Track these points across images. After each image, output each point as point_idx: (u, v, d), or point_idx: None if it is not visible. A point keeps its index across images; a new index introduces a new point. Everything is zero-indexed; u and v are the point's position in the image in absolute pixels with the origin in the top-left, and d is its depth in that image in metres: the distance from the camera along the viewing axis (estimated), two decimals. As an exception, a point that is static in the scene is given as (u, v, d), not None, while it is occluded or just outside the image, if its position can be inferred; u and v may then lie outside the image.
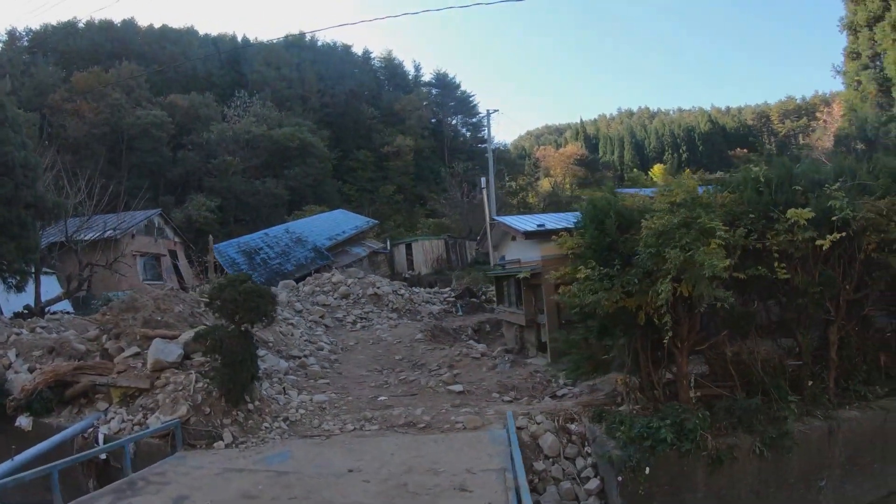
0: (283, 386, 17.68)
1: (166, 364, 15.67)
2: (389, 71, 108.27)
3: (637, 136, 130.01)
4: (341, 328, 29.73)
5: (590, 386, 16.40)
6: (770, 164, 13.82)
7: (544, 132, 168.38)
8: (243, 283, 15.01)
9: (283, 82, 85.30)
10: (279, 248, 47.33)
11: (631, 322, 12.13)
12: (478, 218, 60.85)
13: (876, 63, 49.25)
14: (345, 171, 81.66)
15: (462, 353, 22.99)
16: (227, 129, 69.40)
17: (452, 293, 39.48)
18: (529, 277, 22.94)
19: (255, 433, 14.29)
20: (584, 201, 14.25)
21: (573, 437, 13.03)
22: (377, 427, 14.72)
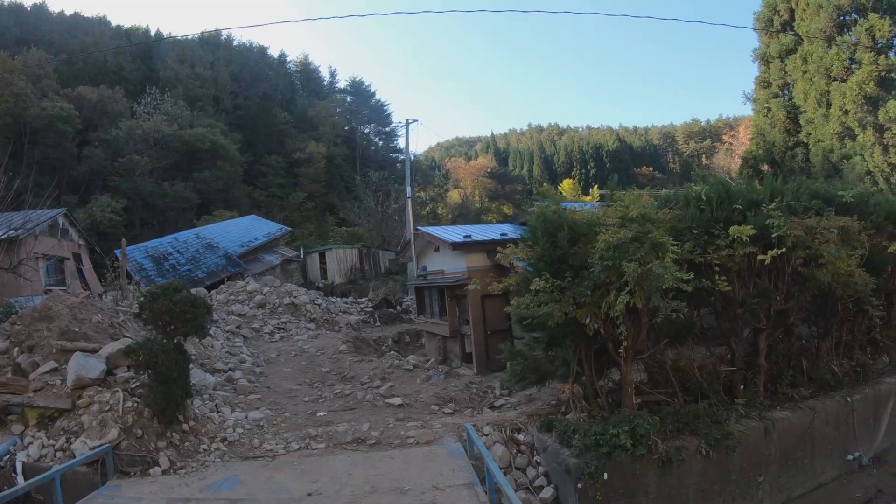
0: (214, 403, 16.71)
1: (89, 381, 14.24)
2: (305, 75, 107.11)
3: (546, 151, 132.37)
4: (259, 339, 28.85)
5: (527, 396, 16.62)
6: (710, 185, 14.54)
7: (455, 144, 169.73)
8: (178, 293, 13.99)
9: (197, 81, 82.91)
10: (189, 254, 45.67)
11: (579, 332, 12.59)
12: (392, 227, 60.71)
13: (785, 92, 51.61)
14: (255, 175, 79.98)
15: (394, 365, 22.69)
16: (136, 126, 66.56)
17: (370, 303, 39.09)
18: (454, 288, 23.10)
19: (194, 456, 13.26)
20: (533, 214, 14.16)
21: (522, 448, 13.15)
22: (324, 445, 14.03)
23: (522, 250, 13.71)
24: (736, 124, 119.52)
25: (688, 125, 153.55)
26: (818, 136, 45.93)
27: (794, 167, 46.96)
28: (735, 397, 13.44)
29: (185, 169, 68.04)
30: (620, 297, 11.01)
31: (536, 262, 13.01)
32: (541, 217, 13.47)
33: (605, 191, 17.62)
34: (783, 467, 12.95)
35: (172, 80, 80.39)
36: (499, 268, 21.62)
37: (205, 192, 67.60)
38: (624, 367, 12.69)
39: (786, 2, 50.68)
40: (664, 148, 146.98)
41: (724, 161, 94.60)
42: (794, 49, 49.49)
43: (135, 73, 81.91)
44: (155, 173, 64.74)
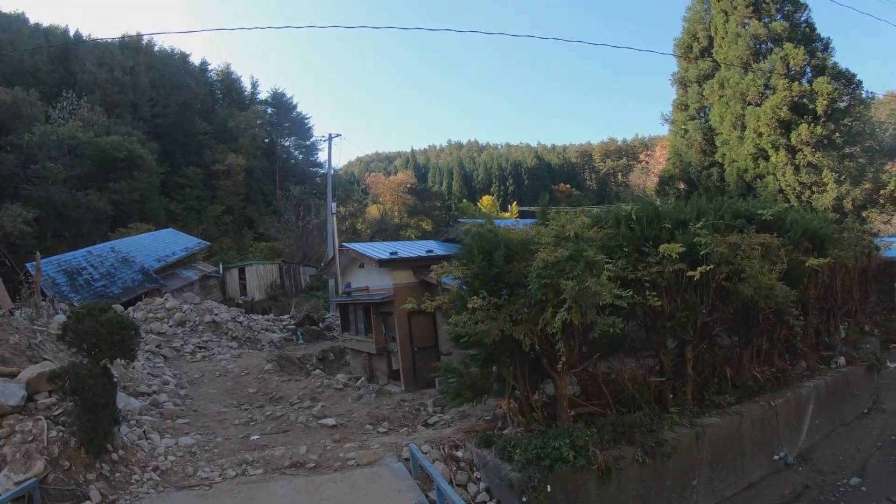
0: (142, 429, 15.97)
1: (8, 409, 13.22)
2: (226, 85, 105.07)
3: (466, 167, 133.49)
4: (180, 359, 28.29)
5: (460, 413, 16.79)
6: (639, 205, 15.03)
7: (374, 159, 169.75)
8: (105, 313, 13.32)
9: (115, 86, 79.98)
10: (104, 269, 44.12)
11: (515, 349, 12.52)
12: (312, 243, 60.21)
13: (702, 115, 53.62)
14: (173, 187, 77.97)
15: (323, 385, 22.58)
16: (51, 131, 63.47)
17: (292, 320, 38.72)
18: (380, 305, 23.30)
19: (126, 488, 12.54)
20: (468, 232, 14.27)
21: (461, 464, 13.14)
22: (261, 471, 13.58)
23: (457, 268, 13.75)
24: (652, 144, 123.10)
25: (605, 144, 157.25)
26: (733, 156, 47.82)
27: (709, 186, 48.83)
28: (665, 406, 13.96)
29: (99, 178, 65.60)
30: (559, 314, 11.17)
31: (472, 281, 13.06)
32: (476, 236, 13.52)
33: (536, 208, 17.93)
34: (715, 470, 13.37)
35: (90, 84, 77.68)
36: (425, 285, 21.86)
37: (120, 203, 65.34)
38: (559, 382, 12.88)
39: (705, 30, 52.67)
40: (581, 166, 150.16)
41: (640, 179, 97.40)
42: (712, 74, 51.47)
43: (51, 75, 78.56)
44: (69, 182, 62.10)
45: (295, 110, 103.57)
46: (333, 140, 53.62)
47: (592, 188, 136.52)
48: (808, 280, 17.15)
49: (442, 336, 21.68)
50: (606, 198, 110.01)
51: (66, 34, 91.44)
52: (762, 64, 46.36)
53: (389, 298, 22.47)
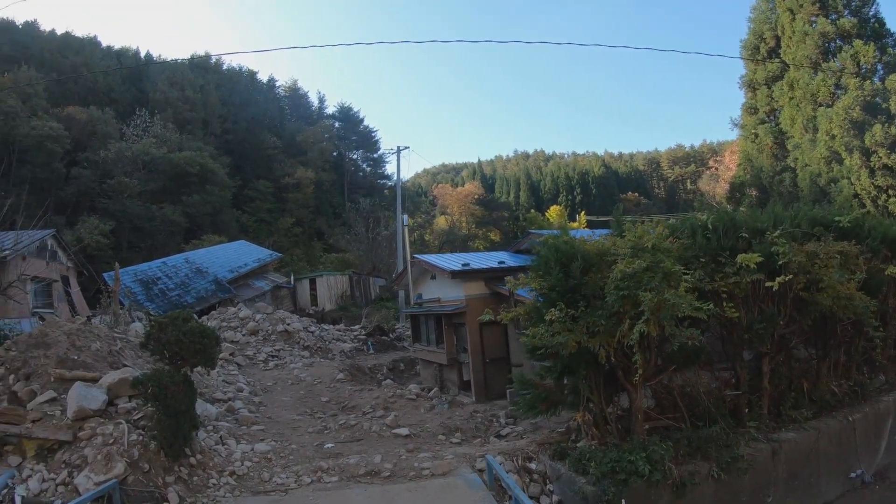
0: (219, 435, 16.14)
1: (90, 412, 13.62)
2: (293, 101, 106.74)
3: (533, 177, 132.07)
4: (253, 367, 28.45)
5: (532, 424, 16.58)
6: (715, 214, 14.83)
7: (441, 170, 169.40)
8: (187, 323, 13.58)
9: (186, 104, 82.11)
10: (178, 279, 44.98)
11: (591, 361, 12.45)
12: (381, 254, 60.26)
13: (772, 118, 52.20)
14: (244, 200, 79.40)
15: (396, 394, 22.44)
16: (125, 148, 65.56)
17: (363, 330, 38.58)
18: (452, 316, 22.96)
19: (203, 491, 12.68)
20: (544, 244, 13.94)
21: (534, 476, 13.00)
22: (336, 478, 13.58)
23: (534, 280, 13.62)
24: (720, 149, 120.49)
25: (672, 151, 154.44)
26: (805, 160, 46.53)
27: (781, 192, 47.71)
28: (740, 421, 13.66)
29: (173, 192, 67.32)
30: (637, 326, 11.08)
31: (549, 292, 12.90)
32: (553, 247, 13.34)
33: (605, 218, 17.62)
34: (790, 487, 13.08)
35: (162, 103, 79.70)
36: (497, 296, 21.48)
37: (193, 216, 66.89)
38: (634, 394, 12.83)
39: (772, 30, 51.69)
40: (649, 173, 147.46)
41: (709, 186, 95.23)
42: (781, 76, 50.32)
43: (125, 95, 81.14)
44: (143, 196, 63.91)
45: (362, 124, 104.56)
46: (401, 152, 53.57)
47: (661, 196, 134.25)
48: (888, 289, 16.54)
49: (513, 347, 21.46)
50: (675, 206, 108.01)
51: (137, 55, 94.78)
52: (832, 63, 45.11)
53: (461, 309, 22.20)
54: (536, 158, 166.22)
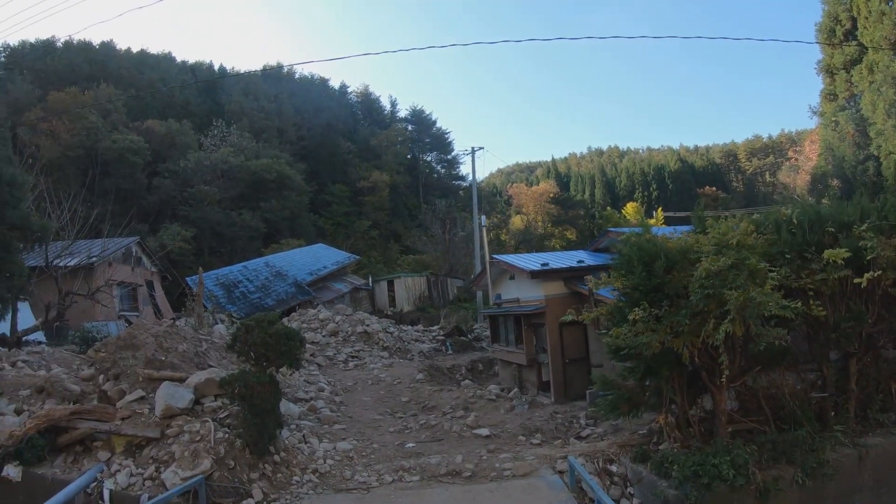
0: (301, 433, 16.31)
1: (177, 410, 14.13)
2: (366, 106, 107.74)
3: (608, 174, 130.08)
4: (333, 367, 28.67)
5: (613, 426, 16.32)
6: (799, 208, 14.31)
7: (515, 170, 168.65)
8: (273, 325, 13.91)
9: (261, 113, 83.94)
10: (259, 282, 45.83)
11: (674, 362, 12.26)
12: (458, 255, 60.12)
13: (852, 104, 50.24)
14: (321, 204, 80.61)
15: (476, 395, 22.21)
16: (204, 157, 67.55)
17: (441, 331, 38.47)
18: (531, 316, 22.69)
19: (286, 488, 12.93)
20: (626, 242, 13.58)
21: (615, 479, 12.88)
22: (418, 478, 13.63)
23: (616, 279, 13.36)
24: (799, 139, 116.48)
25: (749, 142, 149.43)
26: (889, 147, 44.61)
27: (865, 182, 45.70)
28: (826, 424, 13.13)
29: (251, 198, 68.71)
30: (722, 326, 10.82)
31: (632, 292, 12.66)
32: (635, 245, 13.06)
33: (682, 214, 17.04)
34: (877, 495, 12.52)
35: (237, 113, 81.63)
36: (576, 296, 21.12)
37: (272, 220, 68.17)
38: (718, 396, 12.58)
39: (847, 11, 49.77)
40: (726, 166, 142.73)
41: (790, 178, 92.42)
42: (860, 59, 48.38)
43: (201, 107, 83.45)
44: (223, 203, 65.52)
45: (434, 126, 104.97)
46: (475, 153, 53.38)
47: (739, 190, 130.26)
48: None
49: (593, 348, 21.19)
50: (754, 200, 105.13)
51: (211, 68, 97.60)
52: (912, 43, 42.99)
53: (541, 309, 21.93)
54: (611, 154, 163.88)
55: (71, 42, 79.09)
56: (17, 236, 20.86)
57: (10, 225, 20.18)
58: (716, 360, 11.55)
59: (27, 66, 74.38)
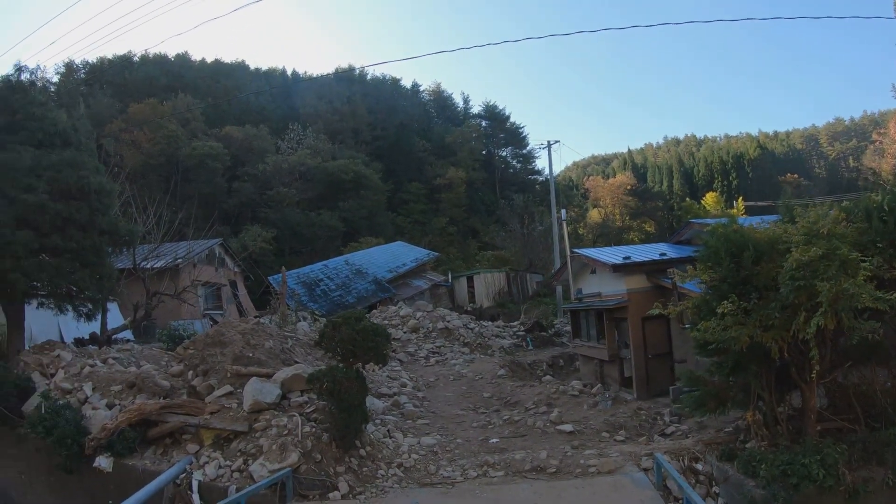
0: (386, 428, 16.53)
1: (265, 405, 14.51)
2: (438, 104, 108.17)
3: (685, 164, 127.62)
4: (415, 363, 28.84)
5: (697, 423, 15.88)
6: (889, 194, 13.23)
7: (591, 162, 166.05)
8: (360, 322, 14.28)
9: (335, 115, 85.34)
10: (339, 280, 46.28)
11: (762, 357, 11.97)
12: (537, 250, 59.64)
13: (939, 79, 47.96)
14: (398, 203, 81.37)
15: (558, 391, 21.93)
16: (281, 160, 69.30)
17: (521, 327, 38.13)
18: (613, 311, 22.28)
19: (372, 482, 13.10)
20: (713, 234, 13.14)
21: (700, 478, 12.68)
22: (502, 473, 13.59)
23: (702, 271, 13.01)
24: (883, 120, 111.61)
25: (831, 125, 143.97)
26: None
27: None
28: None
29: (329, 199, 69.90)
30: (814, 319, 10.48)
31: (719, 284, 12.33)
32: (722, 237, 12.66)
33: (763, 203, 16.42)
34: None
35: (313, 116, 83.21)
36: (659, 289, 20.59)
37: (350, 220, 69.22)
38: (807, 393, 12.27)
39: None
40: (807, 152, 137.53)
41: (874, 162, 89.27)
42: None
43: (276, 112, 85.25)
44: (302, 204, 66.94)
45: (508, 121, 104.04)
46: (551, 146, 52.84)
47: (822, 176, 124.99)
48: None
49: (676, 342, 20.71)
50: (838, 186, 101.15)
51: (284, 74, 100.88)
52: None
53: (623, 304, 21.54)
54: (688, 143, 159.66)
55: (147, 56, 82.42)
56: (107, 241, 21.50)
57: (101, 230, 20.81)
58: (806, 355, 11.20)
59: (106, 80, 77.71)
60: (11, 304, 20.68)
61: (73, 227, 19.71)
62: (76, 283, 20.31)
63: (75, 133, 21.75)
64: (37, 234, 18.87)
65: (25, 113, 20.16)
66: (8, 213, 18.32)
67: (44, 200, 18.80)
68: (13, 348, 20.55)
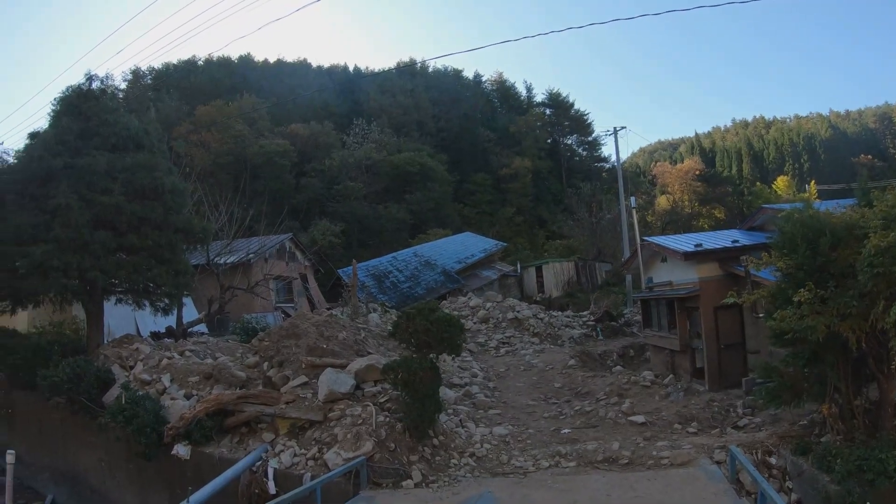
0: (458, 418, 16.67)
1: (339, 395, 14.88)
2: (501, 93, 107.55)
3: (755, 147, 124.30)
4: (485, 353, 28.92)
5: (772, 416, 15.64)
6: None
7: (658, 148, 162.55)
8: (434, 312, 14.43)
9: (399, 109, 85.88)
10: (408, 272, 46.67)
11: (839, 347, 11.68)
12: (606, 238, 59.08)
13: None
14: (464, 194, 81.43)
15: (630, 381, 21.58)
16: (347, 155, 70.45)
17: (591, 316, 37.80)
18: (685, 300, 21.82)
19: (444, 471, 13.28)
20: (788, 219, 12.83)
21: (773, 472, 12.43)
22: (574, 463, 13.57)
23: (777, 258, 12.65)
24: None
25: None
26: None
27: None
28: None
29: (396, 191, 70.50)
30: (894, 308, 10.11)
31: (795, 272, 11.99)
32: (798, 222, 12.35)
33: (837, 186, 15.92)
34: None
35: (376, 111, 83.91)
36: (731, 277, 20.16)
37: (417, 212, 69.71)
38: (885, 385, 11.88)
39: None
40: (881, 131, 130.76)
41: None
42: None
43: (340, 108, 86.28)
44: (369, 197, 67.60)
45: (572, 108, 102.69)
46: (617, 133, 52.22)
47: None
48: None
49: (749, 332, 20.28)
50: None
51: (347, 70, 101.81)
52: None
53: (695, 293, 21.10)
54: (757, 125, 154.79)
55: (211, 59, 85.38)
56: (182, 238, 22.36)
57: (175, 228, 21.68)
58: (885, 345, 10.95)
59: (172, 84, 79.97)
60: (91, 300, 21.54)
61: (148, 226, 20.58)
62: (153, 279, 21.25)
63: (147, 136, 22.58)
64: (114, 234, 19.81)
65: (99, 119, 21.02)
66: (86, 215, 19.19)
67: (120, 201, 19.67)
68: (93, 343, 21.46)
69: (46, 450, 19.69)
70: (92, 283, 20.10)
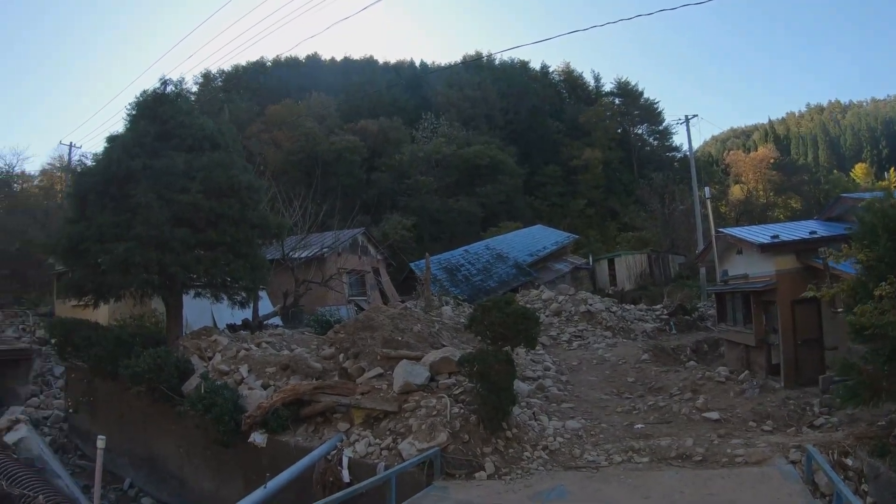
0: (532, 411, 16.62)
1: (414, 387, 15.16)
2: (569, 84, 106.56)
3: (831, 133, 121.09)
4: (557, 347, 28.68)
5: (849, 416, 15.11)
6: None
7: (730, 136, 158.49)
8: (509, 306, 14.58)
9: (467, 102, 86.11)
10: (480, 265, 46.86)
11: None
12: (679, 230, 58.20)
13: None
14: (534, 186, 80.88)
15: (704, 377, 21.23)
16: (417, 150, 71.14)
17: (664, 310, 37.31)
18: (761, 293, 21.14)
19: (517, 463, 13.36)
20: (868, 209, 12.47)
21: (849, 474, 11.95)
22: (647, 459, 13.53)
23: (857, 250, 12.38)
24: None
25: None
26: None
27: None
28: None
29: (466, 185, 70.69)
30: None
31: (877, 264, 11.77)
32: (879, 212, 12.04)
33: None
34: None
35: (445, 105, 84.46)
36: (809, 270, 19.55)
37: (487, 205, 69.75)
38: None
39: None
40: None
41: None
42: None
43: (409, 103, 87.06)
44: (439, 191, 68.15)
45: (642, 97, 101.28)
46: (689, 121, 51.46)
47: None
48: None
49: (827, 328, 19.55)
50: None
51: (413, 66, 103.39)
52: None
53: (771, 286, 20.48)
54: (832, 110, 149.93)
55: (279, 60, 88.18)
56: (258, 234, 23.12)
57: (251, 224, 22.37)
58: None
59: (242, 86, 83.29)
60: (171, 294, 22.36)
61: (225, 223, 21.23)
62: (230, 273, 21.88)
63: (222, 136, 23.29)
64: (193, 231, 20.52)
65: (175, 122, 21.83)
66: (166, 213, 19.95)
67: (197, 199, 20.38)
68: (172, 335, 22.30)
69: (126, 436, 20.50)
70: (172, 278, 20.84)
